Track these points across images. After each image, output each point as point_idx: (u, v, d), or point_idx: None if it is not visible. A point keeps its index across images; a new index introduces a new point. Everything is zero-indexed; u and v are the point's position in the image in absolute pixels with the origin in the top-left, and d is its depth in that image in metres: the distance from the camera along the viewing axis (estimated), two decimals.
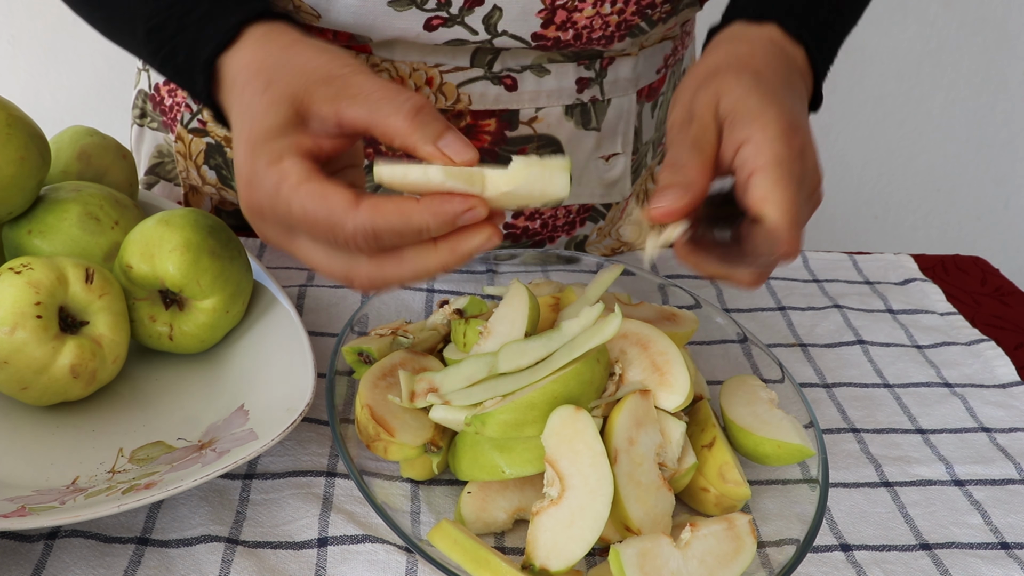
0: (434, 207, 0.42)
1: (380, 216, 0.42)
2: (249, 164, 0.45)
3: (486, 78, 0.66)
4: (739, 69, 0.49)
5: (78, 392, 0.53)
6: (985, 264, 0.83)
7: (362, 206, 0.42)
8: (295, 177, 0.43)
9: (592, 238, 0.79)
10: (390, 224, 0.42)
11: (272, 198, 0.44)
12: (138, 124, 0.82)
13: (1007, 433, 0.61)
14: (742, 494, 0.50)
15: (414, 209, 0.42)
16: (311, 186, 0.43)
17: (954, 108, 1.86)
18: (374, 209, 0.42)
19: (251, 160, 0.45)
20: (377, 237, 0.43)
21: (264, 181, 0.44)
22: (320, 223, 0.43)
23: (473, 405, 0.48)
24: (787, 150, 0.46)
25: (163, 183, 0.81)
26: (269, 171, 0.44)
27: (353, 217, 0.42)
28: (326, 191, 0.43)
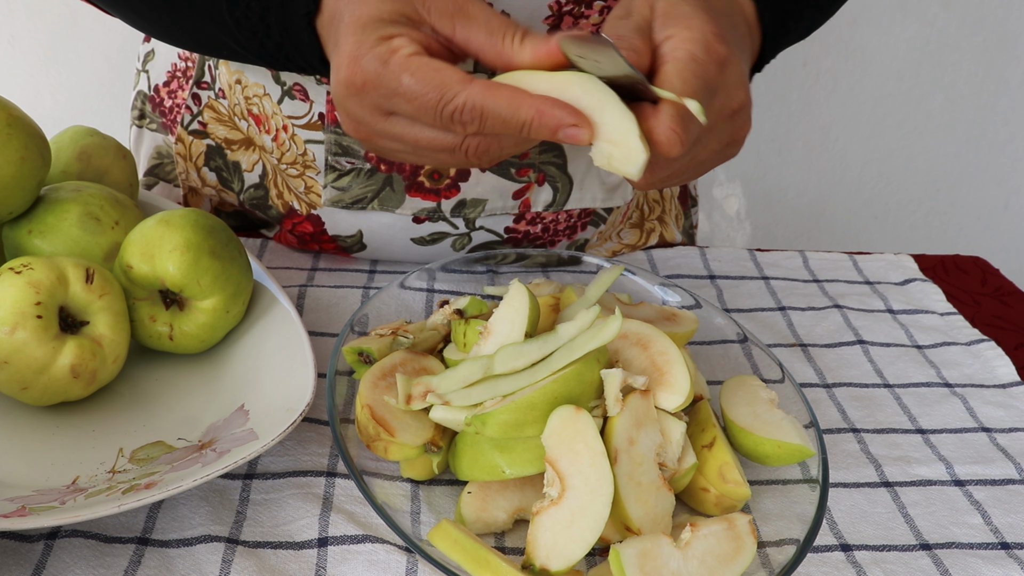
0: (544, 108, 0.42)
1: (492, 96, 0.43)
2: (356, 39, 0.45)
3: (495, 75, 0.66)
4: None
5: (78, 392, 0.53)
6: (985, 264, 0.83)
7: (476, 82, 0.43)
8: (407, 50, 0.44)
9: (593, 242, 0.79)
10: (499, 107, 0.43)
11: (379, 70, 0.44)
12: (137, 125, 0.82)
13: (1007, 433, 0.61)
14: (742, 494, 0.50)
15: (525, 102, 0.42)
16: (424, 59, 0.44)
17: (954, 108, 1.85)
18: (488, 88, 0.43)
19: (359, 36, 0.45)
20: (484, 116, 0.43)
21: (372, 52, 0.44)
22: (430, 93, 0.43)
23: (473, 405, 0.48)
24: (704, 53, 0.46)
25: (162, 184, 0.81)
26: (379, 46, 0.44)
27: (467, 89, 0.43)
28: (439, 65, 0.43)
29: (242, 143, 0.74)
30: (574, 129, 0.43)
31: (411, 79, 0.43)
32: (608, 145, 0.44)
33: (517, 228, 0.73)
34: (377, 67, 0.44)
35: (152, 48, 0.80)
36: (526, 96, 0.43)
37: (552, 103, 0.43)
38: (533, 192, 0.71)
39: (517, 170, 0.69)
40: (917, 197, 1.95)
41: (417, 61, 0.44)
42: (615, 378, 0.48)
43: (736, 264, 0.79)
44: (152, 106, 0.80)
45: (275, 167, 0.72)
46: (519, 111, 0.43)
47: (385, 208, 0.70)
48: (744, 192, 1.90)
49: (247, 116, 0.72)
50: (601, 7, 0.61)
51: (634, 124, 0.44)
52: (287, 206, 0.73)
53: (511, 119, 0.43)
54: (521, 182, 0.70)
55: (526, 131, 0.43)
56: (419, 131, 0.46)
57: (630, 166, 0.44)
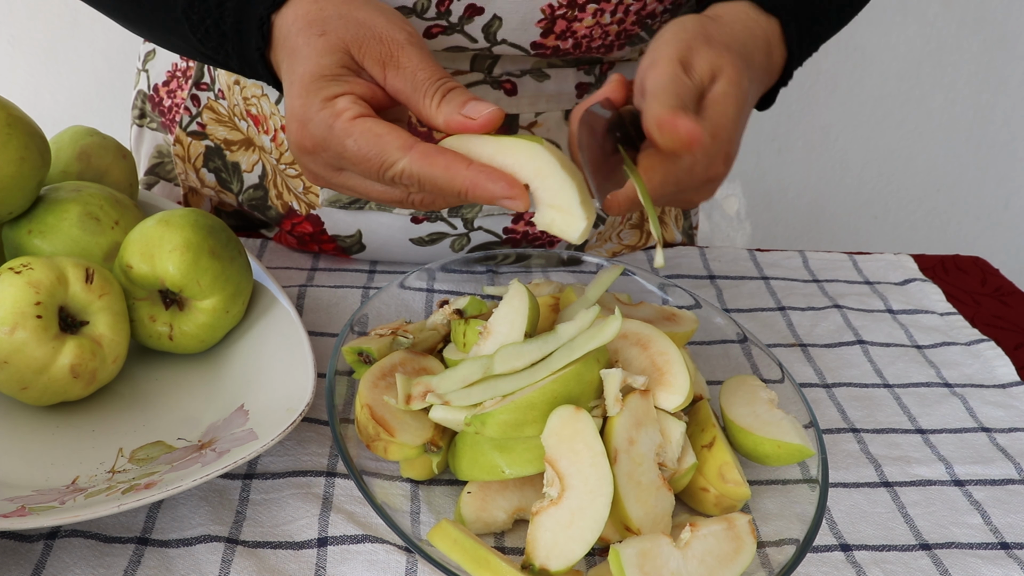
0: (479, 180, 0.44)
1: (429, 165, 0.44)
2: (302, 101, 0.46)
3: (485, 83, 0.66)
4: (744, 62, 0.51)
5: (78, 392, 0.53)
6: (985, 264, 0.83)
7: (416, 149, 0.44)
8: (350, 113, 0.45)
9: (592, 242, 0.79)
10: (435, 176, 0.44)
11: (325, 134, 0.45)
12: (137, 124, 0.82)
13: (1007, 433, 0.61)
14: (742, 494, 0.50)
15: (460, 172, 0.44)
16: (366, 123, 0.45)
17: (954, 108, 1.85)
18: (425, 157, 0.44)
19: (305, 97, 0.46)
20: (421, 183, 0.44)
21: (317, 117, 0.45)
22: (371, 160, 0.45)
23: (473, 405, 0.48)
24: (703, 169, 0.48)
25: (163, 183, 0.81)
26: (324, 109, 0.45)
27: (405, 157, 0.44)
28: (380, 130, 0.45)
29: (242, 144, 0.74)
30: (508, 200, 0.44)
31: (354, 144, 0.45)
32: (551, 210, 0.45)
33: (516, 228, 0.73)
34: (323, 132, 0.46)
35: (152, 48, 0.80)
36: (461, 167, 0.44)
37: (487, 175, 0.44)
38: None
39: None
40: (917, 197, 1.95)
41: (360, 126, 0.45)
42: (615, 378, 0.48)
43: (736, 264, 0.79)
44: (152, 105, 0.80)
45: (274, 167, 0.72)
46: (454, 181, 0.44)
47: (384, 208, 0.70)
48: (744, 192, 1.90)
49: (246, 116, 0.72)
50: (594, 9, 0.61)
51: (575, 191, 0.44)
52: (286, 206, 0.73)
53: (446, 187, 0.44)
54: None
55: (463, 198, 0.45)
56: (371, 184, 0.48)
57: (571, 231, 0.45)
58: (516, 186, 0.44)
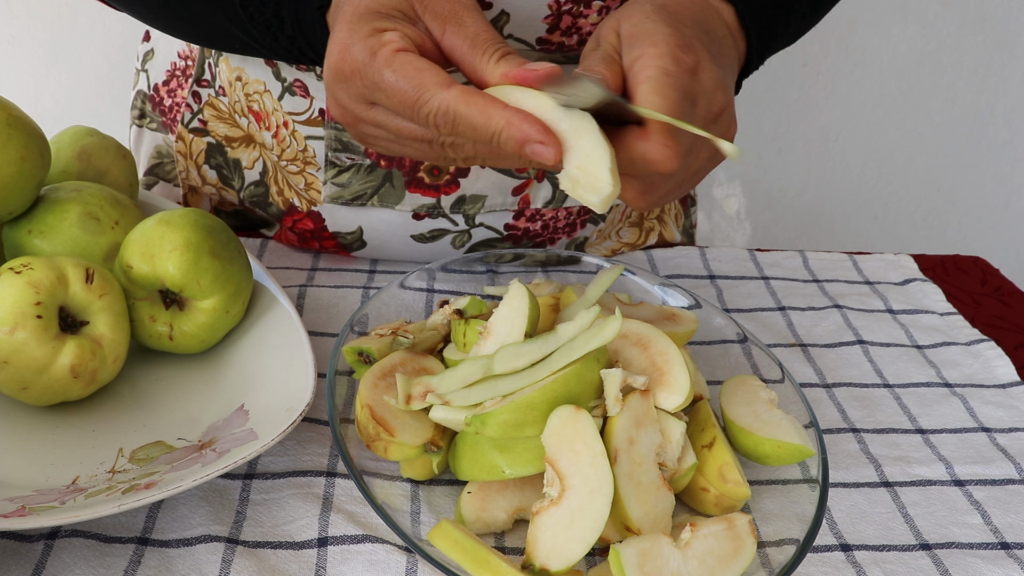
0: (515, 120, 0.43)
1: (466, 103, 0.43)
2: (349, 27, 0.46)
3: None
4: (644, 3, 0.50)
5: (78, 392, 0.53)
6: (985, 264, 0.83)
7: (454, 87, 0.44)
8: (395, 45, 0.45)
9: (592, 240, 0.79)
10: (471, 115, 0.43)
11: (365, 59, 0.45)
12: (137, 125, 0.83)
13: (1007, 433, 0.61)
14: (742, 494, 0.50)
15: (496, 112, 0.43)
16: (409, 56, 0.44)
17: (954, 108, 1.85)
18: (463, 95, 0.43)
19: (353, 23, 0.46)
20: (456, 121, 0.44)
21: (362, 43, 0.45)
22: (408, 91, 0.44)
23: (473, 405, 0.48)
24: (674, 65, 0.46)
25: (162, 183, 0.82)
26: (369, 38, 0.45)
27: (442, 94, 0.43)
28: (422, 65, 0.44)
29: (242, 140, 0.74)
30: (540, 146, 0.43)
31: (392, 75, 0.44)
32: (577, 171, 0.44)
33: (517, 225, 0.73)
34: (364, 57, 0.45)
35: (151, 47, 0.80)
36: (499, 106, 0.43)
37: (524, 116, 0.43)
38: (533, 189, 0.71)
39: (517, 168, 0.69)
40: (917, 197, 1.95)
41: (402, 58, 0.44)
42: (615, 378, 0.48)
43: (736, 264, 0.79)
44: (152, 105, 0.80)
45: (275, 164, 0.72)
46: (491, 120, 0.43)
47: (385, 204, 0.70)
48: (744, 192, 1.90)
49: (247, 113, 0.72)
50: (600, 7, 0.61)
51: (608, 157, 0.43)
52: (287, 203, 0.73)
53: (482, 127, 0.43)
54: (521, 178, 0.70)
55: (496, 140, 0.44)
56: (400, 122, 0.47)
57: (593, 195, 0.44)
58: (550, 132, 0.43)
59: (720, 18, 0.54)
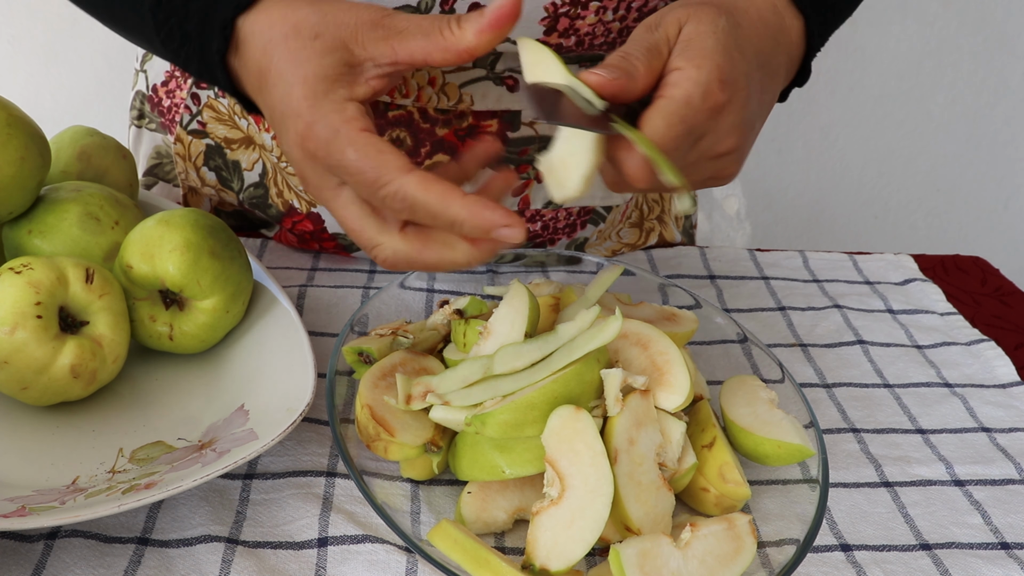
0: (475, 210, 0.43)
1: (424, 191, 0.43)
2: (310, 103, 0.46)
3: (488, 79, 0.66)
4: (722, 11, 0.49)
5: (78, 392, 0.53)
6: (985, 264, 0.83)
7: (412, 174, 0.44)
8: (358, 124, 0.45)
9: (592, 240, 0.79)
10: (429, 203, 0.43)
11: (329, 137, 0.45)
12: (136, 125, 0.82)
13: (1007, 433, 0.61)
14: (742, 494, 0.50)
15: (456, 200, 0.43)
16: (372, 138, 0.45)
17: (954, 108, 1.86)
18: (422, 182, 0.43)
19: (312, 99, 0.46)
20: (413, 208, 0.44)
21: (326, 120, 0.45)
22: (367, 173, 0.44)
23: (473, 405, 0.48)
24: (700, 99, 0.46)
25: (162, 184, 0.82)
26: (334, 114, 0.45)
27: (400, 180, 0.44)
28: (383, 148, 0.44)
29: (242, 142, 0.74)
30: (506, 230, 0.43)
31: (355, 155, 0.44)
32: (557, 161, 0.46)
33: None
34: (328, 135, 0.45)
35: None
36: (458, 195, 0.43)
37: (484, 204, 0.43)
38: (532, 189, 0.71)
39: (516, 166, 0.69)
40: (917, 197, 1.95)
41: (364, 139, 0.45)
42: (615, 378, 0.48)
43: (736, 264, 0.79)
44: (151, 106, 0.80)
45: (275, 165, 0.72)
46: (448, 209, 0.43)
47: None
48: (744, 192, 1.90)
49: (247, 115, 0.72)
50: (597, 7, 0.61)
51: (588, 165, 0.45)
52: (287, 204, 0.73)
53: (440, 215, 0.43)
54: (520, 178, 0.70)
55: (457, 229, 0.44)
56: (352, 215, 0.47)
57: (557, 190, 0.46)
58: (512, 215, 0.43)
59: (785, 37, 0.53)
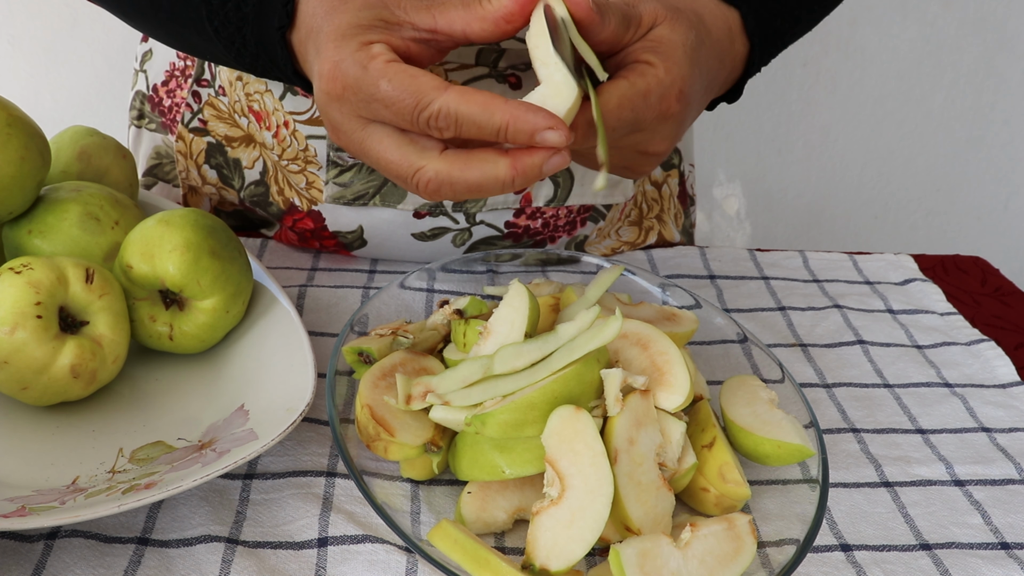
0: (518, 113, 0.43)
1: (466, 103, 0.43)
2: (336, 45, 0.46)
3: (491, 76, 0.66)
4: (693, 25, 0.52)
5: (78, 392, 0.53)
6: (985, 264, 0.83)
7: (452, 89, 0.44)
8: (385, 57, 0.45)
9: (592, 238, 0.79)
10: (473, 113, 0.43)
11: (359, 75, 0.45)
12: (136, 125, 0.83)
13: (1007, 433, 0.61)
14: (742, 494, 0.50)
15: (499, 106, 0.43)
16: (402, 66, 0.45)
17: (954, 108, 1.85)
18: (462, 95, 0.44)
19: (339, 42, 0.46)
20: (458, 122, 0.44)
21: (352, 58, 0.45)
22: (406, 99, 0.44)
23: (473, 405, 0.48)
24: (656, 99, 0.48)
25: (161, 184, 0.82)
26: (359, 52, 0.45)
27: (442, 96, 0.44)
28: (416, 72, 0.44)
29: (242, 140, 0.74)
30: (550, 132, 0.43)
31: (389, 85, 0.44)
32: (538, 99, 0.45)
33: (517, 223, 0.73)
34: (357, 72, 0.45)
35: (150, 48, 0.80)
36: (499, 102, 0.44)
37: (527, 107, 0.43)
38: (534, 186, 0.71)
39: None
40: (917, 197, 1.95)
41: (395, 67, 0.45)
42: (615, 378, 0.48)
43: (736, 264, 0.79)
44: (151, 106, 0.80)
45: (276, 163, 0.72)
46: (493, 116, 0.43)
47: (387, 204, 0.70)
48: (744, 192, 1.90)
49: (247, 113, 0.72)
50: None
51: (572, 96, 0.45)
52: (288, 203, 0.73)
53: (485, 124, 0.44)
54: None
55: (502, 135, 0.44)
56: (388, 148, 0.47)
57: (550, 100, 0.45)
58: (556, 117, 0.43)
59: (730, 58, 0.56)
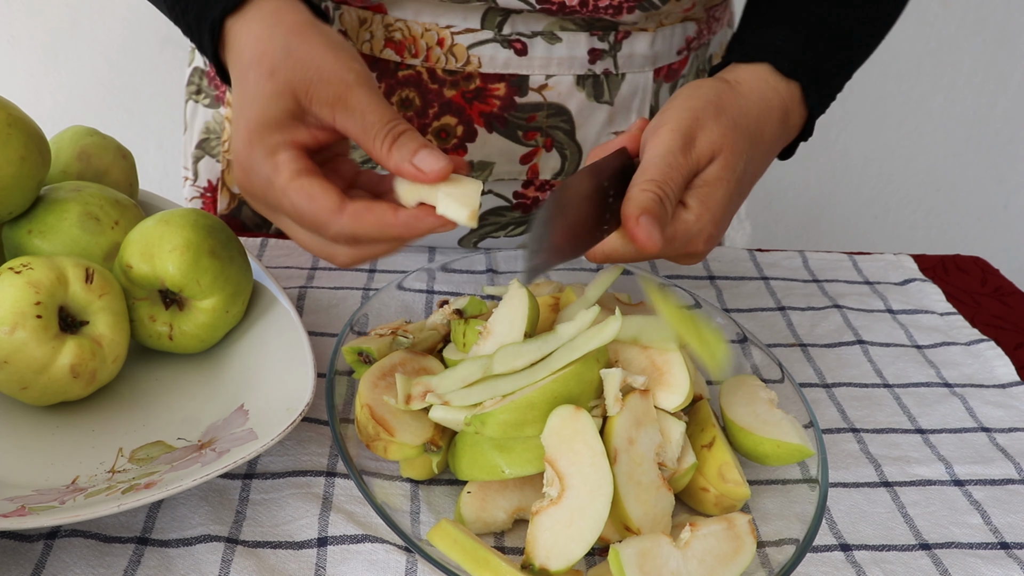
0: (412, 224, 0.47)
1: (360, 225, 0.47)
2: (247, 152, 0.48)
3: (496, 41, 0.66)
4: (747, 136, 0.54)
5: (78, 392, 0.53)
6: (985, 264, 0.83)
7: (346, 212, 0.47)
8: (288, 172, 0.47)
9: None
10: (369, 232, 0.47)
11: (265, 187, 0.48)
12: (193, 100, 0.85)
13: (1007, 433, 0.61)
14: (742, 494, 0.50)
15: (390, 224, 0.47)
16: (301, 183, 0.47)
17: (954, 108, 1.86)
18: (356, 218, 0.47)
19: (249, 148, 0.48)
20: (356, 240, 0.48)
21: (259, 170, 0.48)
22: (306, 219, 0.48)
23: (473, 405, 0.48)
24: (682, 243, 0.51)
25: (207, 158, 0.84)
26: (265, 163, 0.48)
27: (337, 221, 0.47)
28: (314, 192, 0.47)
29: None
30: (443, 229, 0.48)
31: (291, 204, 0.48)
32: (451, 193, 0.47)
33: (526, 193, 0.74)
34: (263, 186, 0.48)
35: None
36: (391, 217, 0.47)
37: (415, 217, 0.47)
38: (541, 158, 0.71)
39: (524, 133, 0.70)
40: (917, 197, 1.95)
41: (296, 186, 0.47)
42: (615, 378, 0.48)
43: (736, 264, 0.79)
44: (208, 80, 0.82)
45: None
46: (388, 231, 0.47)
47: None
48: None
49: None
50: None
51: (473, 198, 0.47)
52: None
53: (382, 237, 0.47)
54: (528, 146, 0.70)
55: (399, 242, 0.49)
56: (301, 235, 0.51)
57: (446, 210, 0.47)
58: (442, 218, 0.47)
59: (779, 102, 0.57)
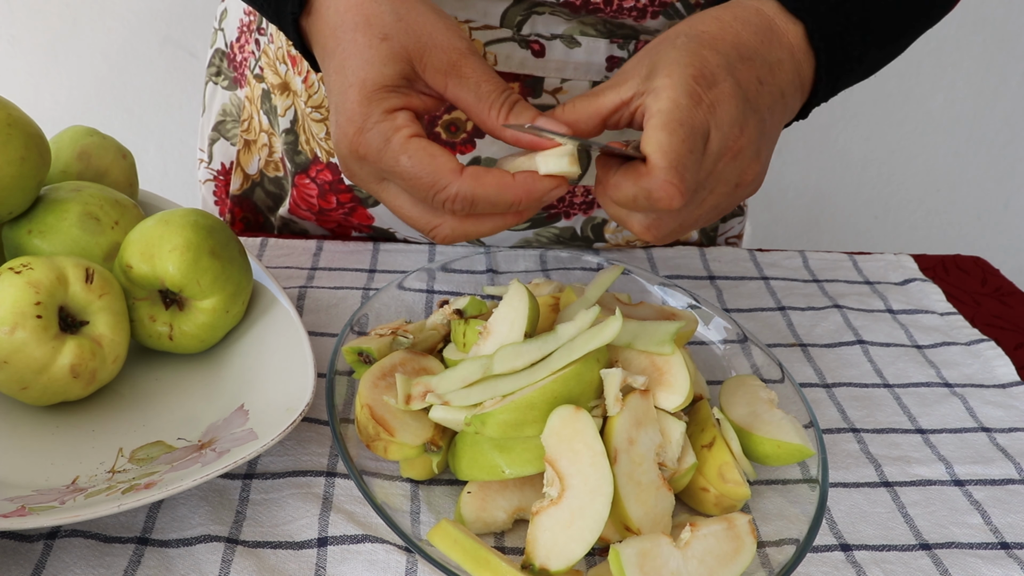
0: (528, 187, 0.47)
1: (480, 186, 0.46)
2: (363, 109, 0.48)
3: (514, 40, 0.66)
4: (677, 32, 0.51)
5: (78, 392, 0.53)
6: (985, 264, 0.83)
7: (465, 173, 0.47)
8: (408, 131, 0.47)
9: (611, 224, 0.79)
10: (487, 195, 0.47)
11: (380, 146, 0.47)
12: (213, 82, 0.85)
13: (1007, 433, 0.61)
14: (742, 494, 0.50)
15: (510, 186, 0.47)
16: (422, 143, 0.47)
17: (954, 108, 1.85)
18: (476, 179, 0.47)
19: (366, 106, 0.48)
20: (474, 204, 0.47)
21: (376, 128, 0.47)
22: (423, 180, 0.47)
23: (473, 405, 0.48)
24: (687, 98, 0.46)
25: (222, 140, 0.85)
26: (383, 121, 0.47)
27: (457, 182, 0.46)
28: (435, 151, 0.47)
29: (280, 87, 0.76)
30: (555, 191, 0.48)
31: (408, 162, 0.47)
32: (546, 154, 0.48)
33: None
34: (379, 143, 0.47)
35: (225, 7, 0.84)
36: (509, 181, 0.47)
37: (532, 180, 0.47)
38: None
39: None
40: (917, 197, 1.95)
41: (415, 144, 0.47)
42: (615, 378, 0.48)
43: (736, 264, 0.79)
44: (228, 62, 0.83)
45: (303, 112, 0.74)
46: (506, 195, 0.47)
47: None
48: None
49: (287, 59, 0.74)
50: None
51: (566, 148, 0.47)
52: (312, 153, 0.76)
53: (499, 201, 0.47)
54: None
55: (514, 208, 0.48)
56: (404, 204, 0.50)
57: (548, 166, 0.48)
58: (557, 179, 0.47)
59: (781, 40, 0.52)
